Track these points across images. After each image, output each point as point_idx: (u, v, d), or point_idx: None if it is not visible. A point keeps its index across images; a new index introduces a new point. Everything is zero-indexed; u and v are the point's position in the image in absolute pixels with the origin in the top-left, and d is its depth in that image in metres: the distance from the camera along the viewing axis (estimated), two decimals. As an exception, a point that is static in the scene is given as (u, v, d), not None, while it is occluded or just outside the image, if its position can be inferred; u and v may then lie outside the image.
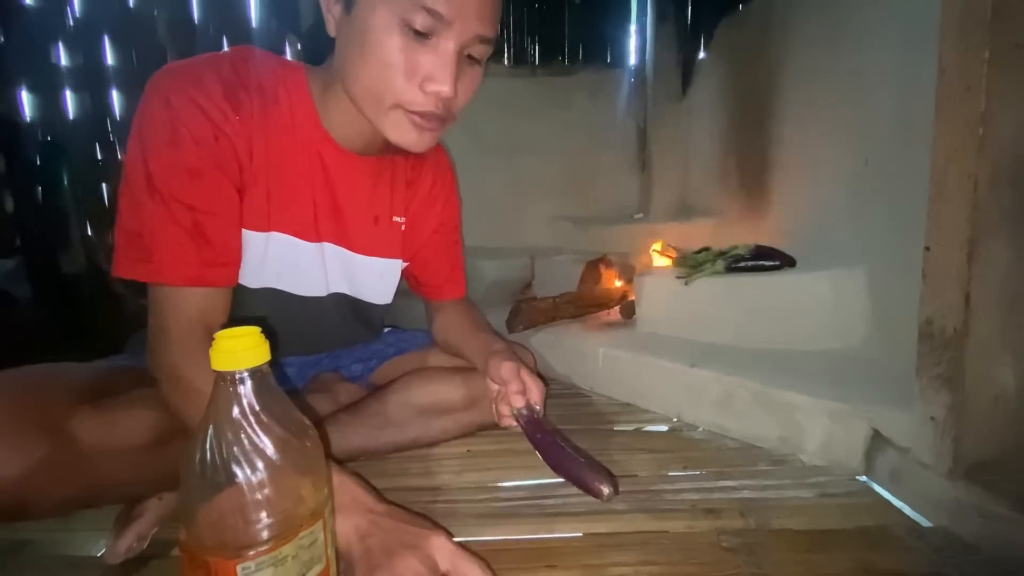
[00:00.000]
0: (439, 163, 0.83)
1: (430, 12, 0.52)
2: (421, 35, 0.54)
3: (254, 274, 0.67)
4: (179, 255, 0.56)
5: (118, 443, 0.54)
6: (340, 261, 0.74)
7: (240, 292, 0.67)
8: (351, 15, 0.56)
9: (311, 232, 0.69)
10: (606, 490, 0.60)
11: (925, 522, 0.62)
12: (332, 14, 0.59)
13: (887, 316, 0.87)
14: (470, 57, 0.58)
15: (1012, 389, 0.58)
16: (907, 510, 0.65)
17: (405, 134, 0.59)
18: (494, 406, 0.72)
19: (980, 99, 0.53)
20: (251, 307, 0.69)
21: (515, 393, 0.67)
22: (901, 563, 0.56)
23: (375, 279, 0.78)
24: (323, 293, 0.74)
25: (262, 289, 0.68)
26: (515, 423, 0.69)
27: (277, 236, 0.66)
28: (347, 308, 0.78)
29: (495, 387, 0.71)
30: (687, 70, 1.85)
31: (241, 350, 0.33)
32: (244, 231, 0.64)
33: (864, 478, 0.72)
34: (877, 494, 0.69)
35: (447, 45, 0.54)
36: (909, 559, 0.56)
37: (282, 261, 0.68)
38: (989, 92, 0.53)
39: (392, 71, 0.55)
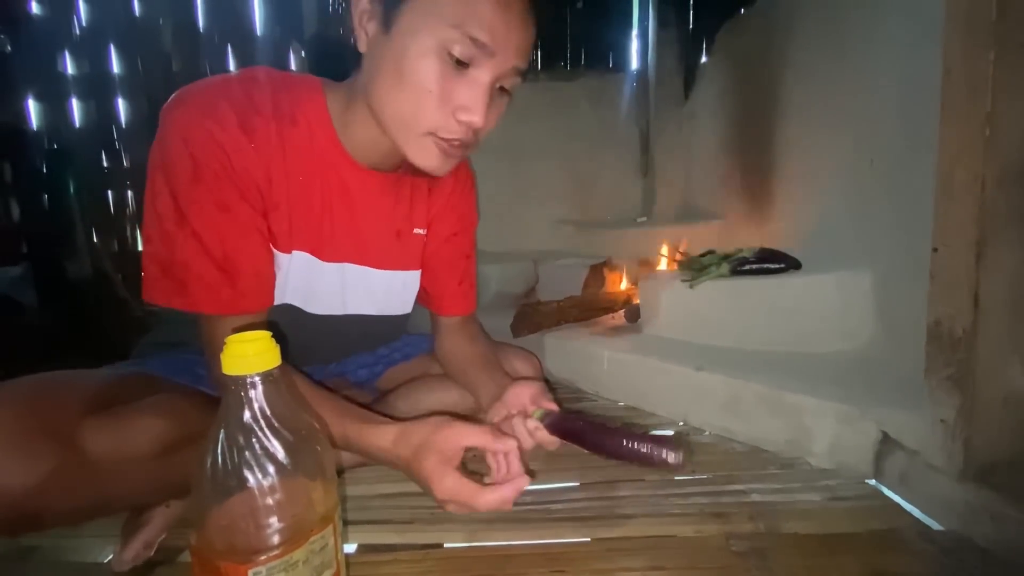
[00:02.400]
0: (460, 173, 0.81)
1: (474, 41, 0.52)
2: (460, 63, 0.53)
3: (276, 293, 0.67)
4: (213, 287, 0.57)
5: (127, 452, 0.54)
6: (362, 281, 0.72)
7: None
8: (389, 35, 0.55)
9: (328, 252, 0.68)
10: (672, 457, 0.54)
11: (935, 525, 0.62)
12: (365, 30, 0.57)
13: (894, 318, 0.87)
14: (501, 88, 0.58)
15: (1022, 390, 0.58)
16: (917, 513, 0.64)
17: (431, 160, 0.59)
18: (512, 429, 0.64)
19: (986, 99, 0.53)
20: (268, 323, 0.68)
21: (533, 401, 0.64)
22: (912, 567, 0.55)
23: (398, 290, 0.77)
24: (339, 312, 0.73)
25: (281, 306, 0.68)
26: (539, 435, 0.62)
27: (298, 255, 0.66)
28: (364, 325, 0.76)
29: (505, 412, 0.66)
30: (689, 74, 1.86)
31: (252, 355, 0.34)
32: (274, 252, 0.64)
33: (873, 481, 0.72)
34: (887, 497, 0.68)
35: (484, 76, 0.54)
36: (920, 562, 0.56)
37: (301, 279, 0.67)
38: (995, 92, 0.53)
39: (428, 98, 0.54)
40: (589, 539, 0.61)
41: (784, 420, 0.79)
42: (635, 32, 2.08)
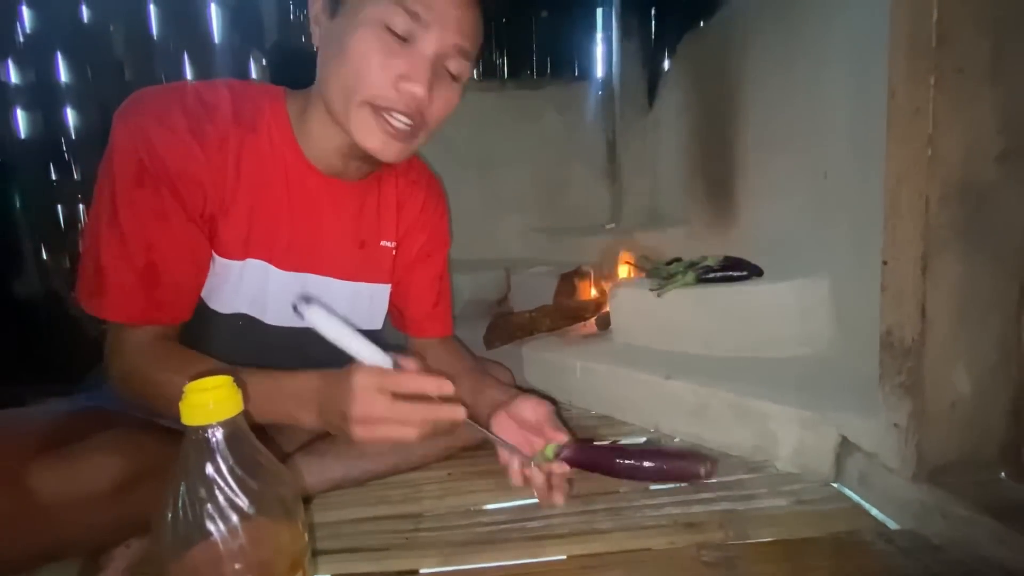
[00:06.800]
0: (432, 190, 0.82)
1: (409, 14, 0.54)
2: (401, 38, 0.55)
3: (226, 301, 0.66)
4: (128, 295, 0.58)
5: (80, 492, 0.51)
6: (323, 292, 0.71)
7: (210, 316, 0.66)
8: (336, 20, 0.57)
9: (286, 260, 0.68)
10: (702, 469, 0.59)
11: (892, 524, 0.65)
12: (319, 24, 0.60)
13: (850, 323, 0.91)
14: (450, 73, 0.59)
15: (967, 395, 0.61)
16: (876, 513, 0.67)
17: (372, 136, 0.59)
18: (511, 461, 0.67)
19: (928, 121, 0.56)
20: (222, 332, 0.67)
21: (555, 432, 0.66)
22: (872, 567, 0.58)
23: (364, 303, 0.76)
24: (299, 324, 0.71)
25: (233, 314, 0.67)
26: (548, 467, 0.64)
27: (253, 263, 0.66)
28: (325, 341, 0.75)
29: (514, 427, 0.68)
30: (653, 83, 1.89)
31: (213, 403, 0.33)
32: (220, 259, 0.64)
33: (836, 484, 0.74)
34: (848, 499, 0.71)
35: (424, 48, 0.56)
36: (880, 563, 0.58)
37: (256, 287, 0.67)
38: (936, 115, 0.56)
39: (367, 64, 0.56)
40: (565, 557, 0.61)
41: (750, 426, 0.82)
42: (599, 41, 2.10)
